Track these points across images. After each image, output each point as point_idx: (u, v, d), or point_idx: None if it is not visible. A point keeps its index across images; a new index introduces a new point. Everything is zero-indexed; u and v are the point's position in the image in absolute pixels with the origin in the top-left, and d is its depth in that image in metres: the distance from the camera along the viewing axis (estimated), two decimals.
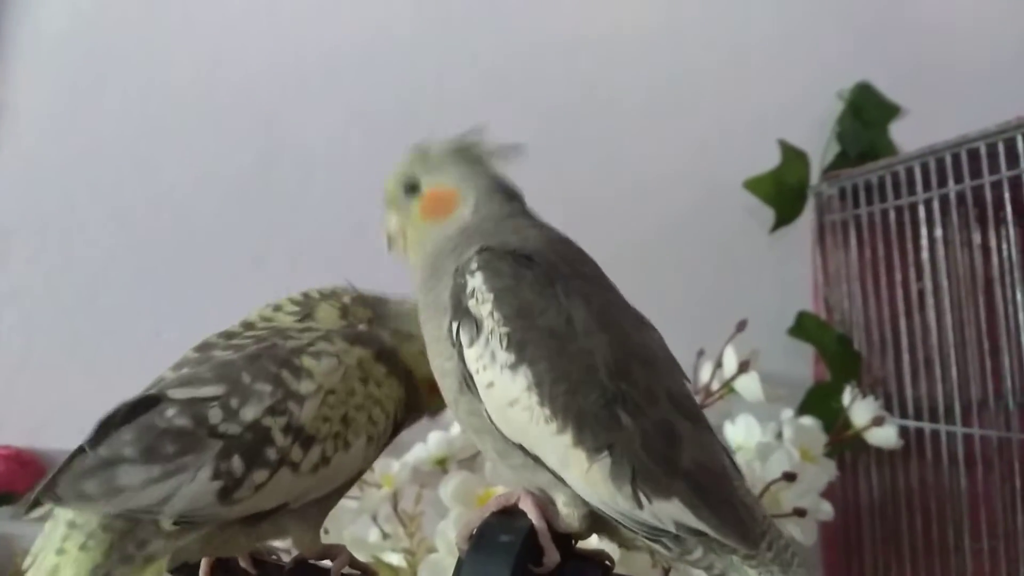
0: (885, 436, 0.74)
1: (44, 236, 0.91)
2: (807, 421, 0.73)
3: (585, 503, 0.39)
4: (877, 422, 0.74)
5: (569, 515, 0.39)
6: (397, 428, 0.47)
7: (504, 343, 0.39)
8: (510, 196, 0.47)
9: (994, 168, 0.80)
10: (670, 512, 0.38)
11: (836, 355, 0.96)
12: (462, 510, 0.60)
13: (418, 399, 0.48)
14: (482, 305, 0.40)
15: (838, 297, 1.01)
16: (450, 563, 0.54)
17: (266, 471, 0.39)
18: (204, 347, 0.44)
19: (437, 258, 0.44)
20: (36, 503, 0.37)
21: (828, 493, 0.75)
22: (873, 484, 0.97)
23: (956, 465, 0.89)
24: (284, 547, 0.50)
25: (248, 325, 0.46)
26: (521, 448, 0.39)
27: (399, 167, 0.49)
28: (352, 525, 0.78)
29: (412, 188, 0.48)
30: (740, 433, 0.72)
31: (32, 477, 0.87)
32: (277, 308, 0.49)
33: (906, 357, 0.94)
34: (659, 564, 0.50)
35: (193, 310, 0.91)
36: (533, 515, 0.38)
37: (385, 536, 0.77)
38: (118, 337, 0.91)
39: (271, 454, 0.39)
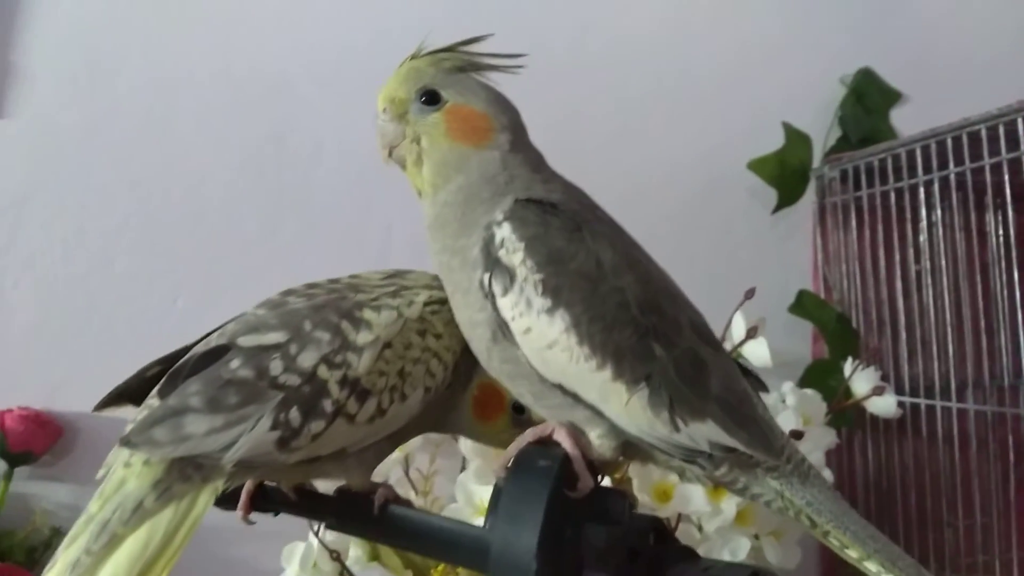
0: (884, 405, 0.77)
1: (60, 203, 0.92)
2: (809, 391, 0.76)
3: (619, 434, 0.41)
4: (877, 391, 0.76)
5: (602, 445, 0.42)
6: (455, 380, 0.47)
7: (539, 289, 0.40)
8: (528, 137, 0.46)
9: (994, 151, 0.82)
10: (705, 433, 0.40)
11: (835, 333, 0.98)
12: (480, 463, 0.62)
13: None
14: (513, 254, 0.41)
15: (837, 277, 1.03)
16: (469, 512, 0.57)
17: (322, 422, 0.41)
18: (286, 293, 0.46)
19: (469, 201, 0.43)
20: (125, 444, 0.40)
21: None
22: (868, 460, 0.99)
23: (950, 442, 0.91)
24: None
25: (334, 280, 0.48)
26: (559, 388, 0.41)
27: (410, 71, 0.45)
28: None
29: (431, 98, 0.44)
30: None
31: (50, 438, 0.89)
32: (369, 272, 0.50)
33: (903, 336, 0.96)
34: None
35: (207, 277, 0.93)
36: (567, 444, 0.40)
37: None
38: (133, 303, 0.92)
39: (327, 406, 0.41)
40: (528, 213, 0.42)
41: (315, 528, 0.76)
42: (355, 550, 0.78)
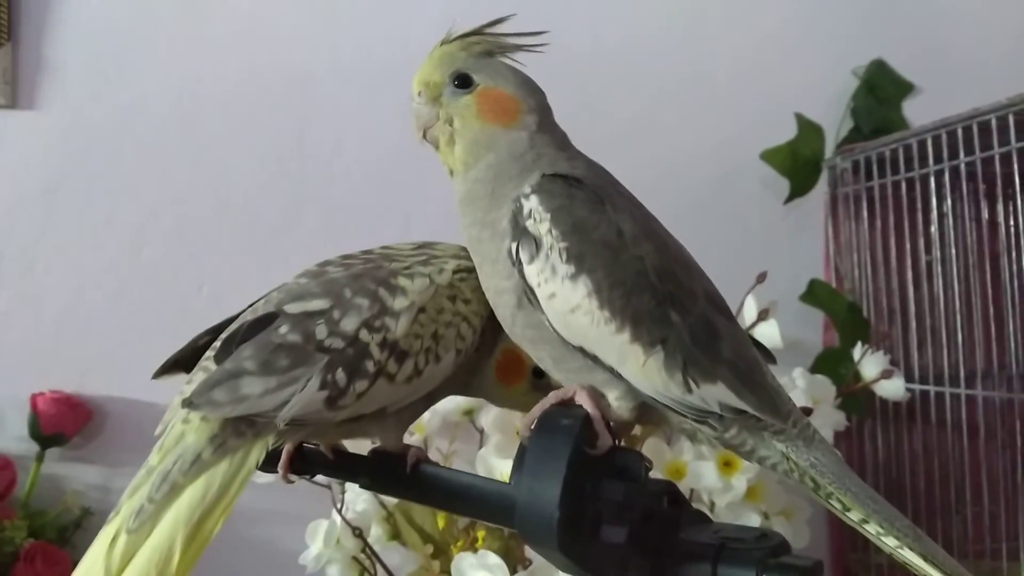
0: (893, 388, 0.79)
1: (90, 193, 0.95)
2: (819, 376, 0.77)
3: (636, 396, 0.44)
4: (886, 375, 0.78)
5: (620, 407, 0.44)
6: (484, 344, 0.50)
7: (564, 256, 0.43)
8: (553, 117, 0.48)
9: (1004, 141, 0.83)
10: (715, 394, 0.42)
11: (846, 321, 1.00)
12: (500, 437, 0.64)
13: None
14: (540, 224, 0.43)
15: (849, 266, 1.05)
16: None
17: (366, 381, 0.44)
18: (323, 264, 0.49)
19: (499, 178, 0.45)
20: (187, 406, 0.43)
21: None
22: (879, 447, 1.01)
23: (959, 429, 0.93)
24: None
25: (367, 251, 0.50)
26: (581, 351, 0.43)
27: (443, 56, 0.47)
28: None
29: (463, 81, 0.46)
30: None
31: (80, 420, 0.91)
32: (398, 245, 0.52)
33: (913, 325, 0.98)
34: None
35: (232, 265, 0.95)
36: (588, 405, 0.42)
37: None
38: (161, 290, 0.95)
39: (370, 366, 0.44)
40: (554, 186, 0.44)
41: (338, 506, 0.78)
42: (376, 528, 0.81)
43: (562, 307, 0.43)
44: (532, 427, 0.41)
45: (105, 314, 0.94)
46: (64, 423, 0.90)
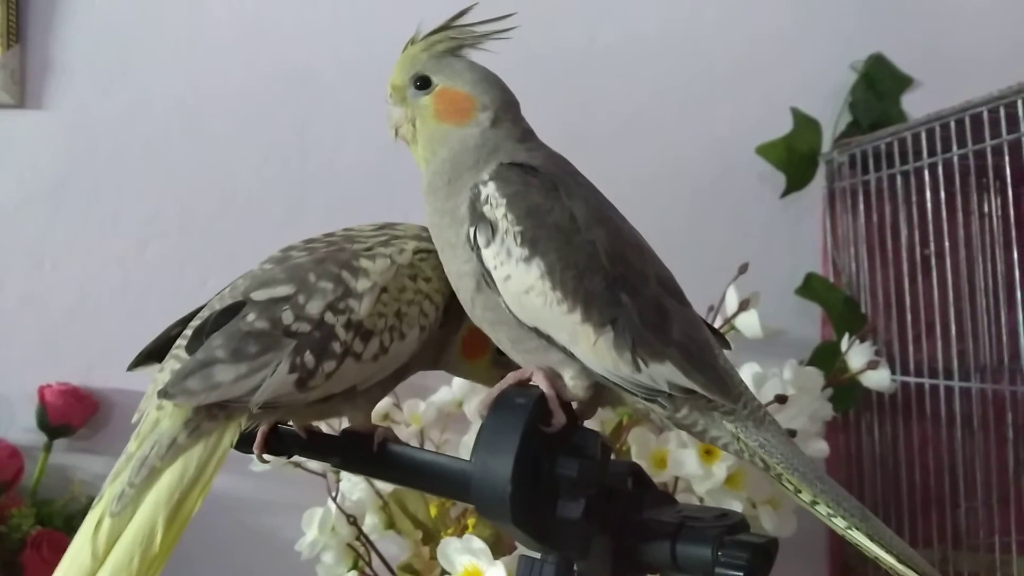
0: (878, 379, 0.79)
1: (96, 190, 0.97)
2: (808, 368, 0.78)
3: (590, 376, 0.45)
4: (872, 365, 0.78)
5: (575, 386, 0.45)
6: (447, 320, 0.51)
7: (518, 240, 0.44)
8: (517, 112, 0.50)
9: (996, 134, 0.84)
10: (664, 373, 0.44)
11: (842, 315, 1.00)
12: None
13: None
14: (496, 209, 0.45)
15: (846, 260, 1.05)
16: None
17: (334, 362, 0.45)
18: (287, 249, 0.51)
19: (455, 170, 0.47)
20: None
21: (832, 456, 0.80)
22: (875, 441, 1.01)
23: (954, 422, 0.93)
24: None
25: (329, 234, 0.52)
26: (535, 331, 0.45)
27: (406, 58, 0.49)
28: None
29: (423, 83, 0.49)
30: (746, 378, 0.77)
31: (87, 411, 0.94)
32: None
33: (909, 318, 0.98)
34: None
35: (236, 260, 0.95)
36: (543, 384, 0.44)
37: None
38: (165, 285, 0.97)
39: (336, 347, 0.46)
40: (511, 174, 0.46)
41: (333, 494, 0.80)
42: (371, 517, 0.82)
43: (517, 289, 0.44)
44: (489, 406, 0.42)
45: (111, 308, 0.97)
46: (71, 414, 0.92)
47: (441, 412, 0.88)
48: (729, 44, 1.07)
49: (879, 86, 1.08)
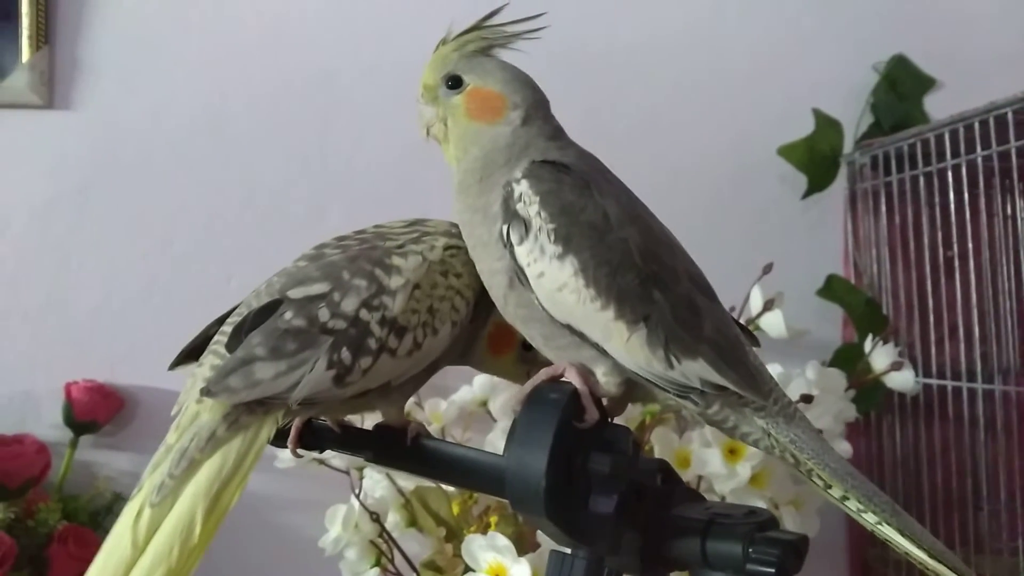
0: (902, 380, 0.79)
1: (122, 189, 0.99)
2: (831, 369, 0.78)
3: (622, 372, 0.45)
4: (896, 367, 0.78)
5: (608, 383, 0.46)
6: (477, 316, 0.52)
7: (552, 237, 0.45)
8: (548, 111, 0.50)
9: (1020, 134, 0.83)
10: (696, 370, 0.44)
11: (864, 317, 1.00)
12: (508, 422, 0.66)
13: None
14: (530, 207, 0.45)
15: (867, 262, 1.05)
16: None
17: (370, 358, 0.46)
18: (319, 247, 0.51)
19: (487, 168, 0.48)
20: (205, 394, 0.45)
21: (853, 458, 0.79)
22: (896, 443, 1.01)
23: (977, 424, 0.92)
24: None
25: (360, 231, 0.53)
26: (568, 328, 0.45)
27: (438, 58, 0.50)
28: None
29: (454, 82, 0.49)
30: None
31: (112, 408, 0.95)
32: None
33: (932, 320, 0.97)
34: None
35: (259, 257, 0.97)
36: (577, 381, 0.44)
37: None
38: (190, 282, 0.98)
39: (372, 344, 0.46)
40: (543, 172, 0.46)
41: (356, 491, 0.80)
42: (394, 515, 0.83)
43: (550, 286, 0.45)
44: (523, 401, 0.43)
45: (137, 306, 0.98)
46: (97, 411, 0.93)
47: (463, 411, 0.88)
48: (750, 44, 1.07)
49: (901, 87, 1.08)
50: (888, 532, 0.45)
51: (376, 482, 0.82)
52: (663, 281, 0.45)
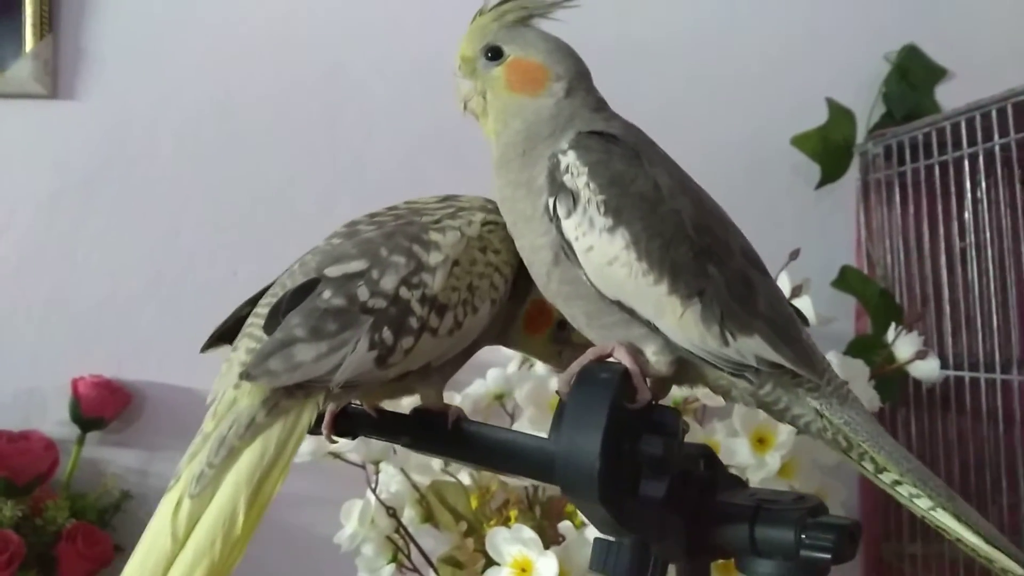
0: (927, 369, 0.78)
1: (128, 181, 0.97)
2: (855, 360, 0.77)
3: (673, 351, 0.44)
4: (920, 355, 0.77)
5: (658, 362, 0.44)
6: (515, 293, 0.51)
7: (601, 209, 0.43)
8: (591, 82, 0.49)
9: None
10: (752, 347, 0.43)
11: (878, 307, 0.99)
12: (534, 411, 0.65)
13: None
14: (578, 178, 0.44)
15: (881, 253, 1.04)
16: None
17: (411, 338, 0.45)
18: (352, 224, 0.50)
19: (530, 140, 0.46)
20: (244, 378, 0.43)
21: None
22: (911, 434, 1.00)
23: (994, 416, 0.92)
24: None
25: (392, 207, 0.51)
26: (617, 304, 0.44)
27: (476, 29, 0.48)
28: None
29: (494, 53, 0.48)
30: None
31: (119, 404, 0.93)
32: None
33: (947, 311, 0.97)
34: None
35: (266, 252, 0.96)
36: (627, 360, 0.43)
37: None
38: (197, 276, 0.97)
39: (413, 323, 0.45)
40: (591, 142, 0.45)
41: (373, 486, 0.79)
42: (410, 510, 0.81)
43: (600, 260, 0.43)
44: (571, 382, 0.42)
45: (143, 300, 0.96)
46: (104, 407, 0.92)
47: (477, 405, 0.86)
48: (761, 35, 1.07)
49: (912, 77, 1.07)
50: (942, 517, 0.44)
51: (391, 476, 0.81)
52: (717, 255, 0.43)
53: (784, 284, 0.76)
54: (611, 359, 0.43)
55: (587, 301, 0.45)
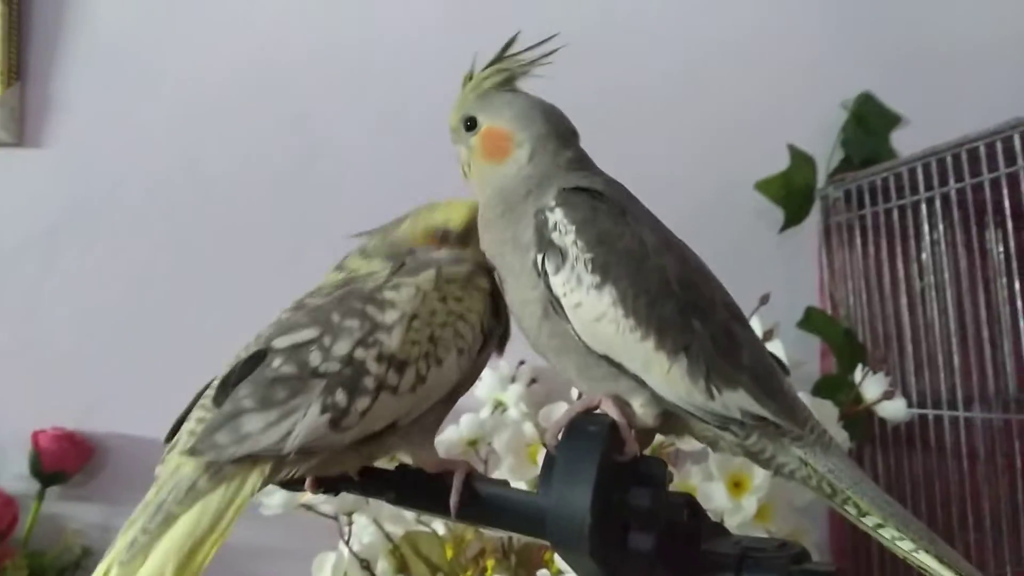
0: (894, 409, 0.79)
1: (95, 230, 0.96)
2: (820, 400, 0.78)
3: (660, 404, 0.45)
4: (887, 396, 0.79)
5: (645, 414, 0.45)
6: (488, 339, 0.50)
7: (589, 266, 0.44)
8: (564, 141, 0.49)
9: (993, 168, 0.85)
10: (737, 401, 0.44)
11: (843, 348, 1.01)
12: (513, 460, 0.64)
13: (501, 308, 0.50)
14: (565, 236, 0.45)
15: (844, 294, 1.06)
16: None
17: (367, 398, 0.44)
18: (297, 303, 0.49)
19: (505, 202, 0.48)
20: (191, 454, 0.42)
21: None
22: (878, 473, 1.01)
23: (958, 453, 0.93)
24: None
25: (325, 285, 0.50)
26: (606, 359, 0.45)
27: (459, 101, 0.50)
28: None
29: (471, 123, 0.50)
30: None
31: (82, 457, 0.91)
32: (341, 268, 0.52)
33: (909, 350, 0.99)
34: None
35: (235, 302, 0.95)
36: (614, 412, 0.43)
37: None
38: (163, 327, 0.96)
39: (369, 382, 0.44)
40: (578, 199, 0.46)
41: (345, 538, 0.78)
42: (383, 562, 0.80)
43: (588, 316, 0.44)
44: (559, 435, 0.42)
45: (107, 351, 0.95)
46: (66, 460, 0.90)
47: (450, 452, 0.86)
48: (724, 83, 1.09)
49: (868, 123, 1.11)
50: (924, 559, 0.45)
51: (363, 527, 0.80)
52: (701, 310, 0.44)
53: (756, 328, 0.77)
54: (598, 411, 0.44)
55: (576, 355, 0.46)
